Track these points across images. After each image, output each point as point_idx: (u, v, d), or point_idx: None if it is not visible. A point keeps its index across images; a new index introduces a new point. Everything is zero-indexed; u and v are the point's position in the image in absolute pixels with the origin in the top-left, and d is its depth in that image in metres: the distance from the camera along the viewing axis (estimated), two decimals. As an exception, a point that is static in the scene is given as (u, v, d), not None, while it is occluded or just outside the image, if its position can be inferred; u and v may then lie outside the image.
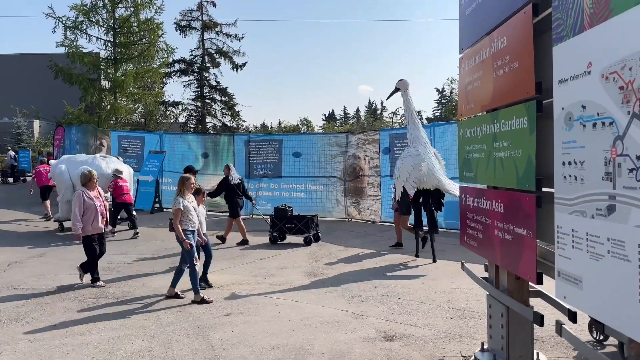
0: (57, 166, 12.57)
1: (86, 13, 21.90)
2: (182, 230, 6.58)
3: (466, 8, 4.31)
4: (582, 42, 2.37)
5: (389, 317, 5.83)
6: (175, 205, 6.69)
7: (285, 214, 10.72)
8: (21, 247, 10.20)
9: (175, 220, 6.61)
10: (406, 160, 8.55)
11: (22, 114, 35.41)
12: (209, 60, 32.52)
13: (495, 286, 3.95)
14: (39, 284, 7.43)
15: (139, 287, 7.27)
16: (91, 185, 7.70)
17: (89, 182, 7.69)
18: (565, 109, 2.53)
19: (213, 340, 5.15)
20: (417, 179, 8.39)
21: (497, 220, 3.62)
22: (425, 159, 8.39)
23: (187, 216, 6.70)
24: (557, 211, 2.64)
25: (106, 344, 5.06)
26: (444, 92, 66.64)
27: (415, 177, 8.39)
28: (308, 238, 10.45)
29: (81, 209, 7.42)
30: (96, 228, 7.57)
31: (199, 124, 32.83)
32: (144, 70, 23.17)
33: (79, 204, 7.43)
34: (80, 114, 21.98)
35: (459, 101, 4.62)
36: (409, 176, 8.45)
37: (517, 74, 3.25)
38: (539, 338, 4.88)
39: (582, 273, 2.42)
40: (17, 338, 5.25)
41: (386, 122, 60.71)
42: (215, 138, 16.80)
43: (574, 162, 2.45)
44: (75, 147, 19.55)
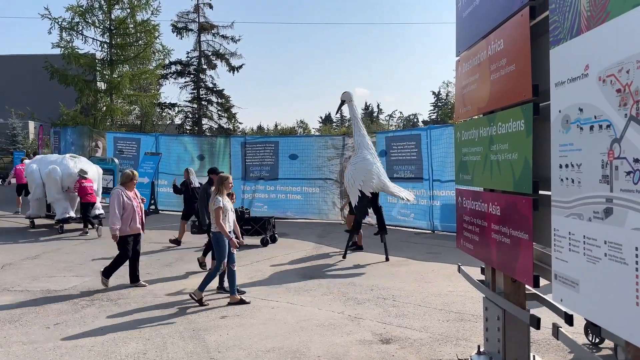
0: (29, 165, 13.01)
1: (82, 14, 21.87)
2: (216, 231, 6.49)
3: (463, 11, 4.31)
4: (579, 45, 2.37)
5: (385, 319, 5.81)
6: (215, 204, 6.51)
7: (243, 216, 10.86)
8: (14, 248, 10.14)
9: (217, 219, 6.46)
10: (357, 165, 8.98)
11: (17, 115, 35.25)
12: (205, 62, 32.47)
13: (491, 289, 3.95)
14: (33, 286, 7.37)
15: (134, 289, 7.24)
16: (130, 186, 7.52)
17: (129, 182, 7.51)
18: (562, 111, 2.53)
19: (208, 343, 5.13)
20: (373, 181, 8.84)
21: (494, 223, 3.62)
22: (374, 163, 8.90)
23: (227, 215, 6.61)
24: (554, 214, 2.64)
25: (100, 347, 5.02)
26: (440, 95, 66.84)
27: (370, 180, 8.83)
28: (265, 239, 10.64)
29: (120, 208, 7.24)
30: (134, 229, 7.43)
31: (195, 126, 32.76)
32: (140, 72, 23.15)
33: (117, 204, 7.24)
34: (75, 116, 21.94)
35: (456, 104, 4.62)
36: (365, 180, 8.83)
37: (514, 77, 3.25)
38: (535, 341, 4.88)
39: (579, 276, 2.41)
40: (10, 340, 5.21)
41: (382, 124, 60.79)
42: (212, 140, 16.78)
43: (570, 164, 2.45)
44: (70, 148, 19.47)
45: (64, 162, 12.58)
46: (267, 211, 14.26)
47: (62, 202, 12.22)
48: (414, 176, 12.54)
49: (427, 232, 12.17)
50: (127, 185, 7.50)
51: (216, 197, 6.58)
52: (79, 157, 13.52)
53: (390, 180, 12.78)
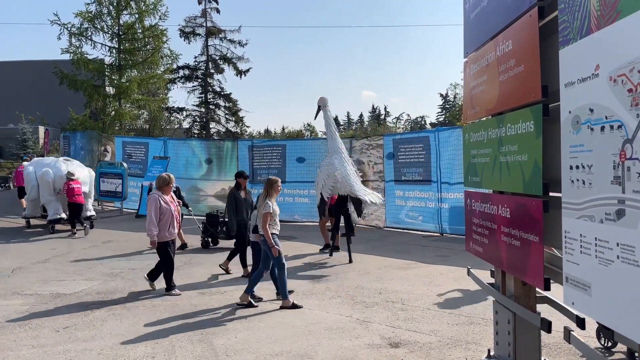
0: (27, 167, 13.70)
1: (91, 20, 22.02)
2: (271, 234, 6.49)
3: (470, 12, 4.29)
4: (589, 45, 2.34)
5: (393, 323, 5.78)
6: (264, 209, 6.46)
7: (217, 219, 10.89)
8: (24, 252, 10.20)
9: (264, 224, 6.42)
10: (322, 169, 9.44)
11: (27, 121, 35.55)
12: (212, 66, 32.62)
13: (501, 292, 3.91)
14: (42, 290, 7.41)
15: (142, 292, 7.25)
16: (167, 190, 7.35)
17: (166, 187, 7.33)
18: (572, 112, 2.50)
19: (216, 346, 5.12)
20: (332, 186, 9.23)
21: (503, 226, 3.58)
22: (339, 168, 9.26)
23: (274, 220, 6.58)
24: (565, 216, 2.60)
25: (109, 350, 5.03)
26: (448, 97, 66.63)
27: (330, 184, 9.23)
28: None
29: (157, 213, 7.07)
30: (172, 234, 7.27)
31: (203, 130, 32.90)
32: (149, 77, 23.25)
33: (155, 208, 7.07)
34: (84, 120, 22.07)
35: (464, 105, 4.59)
36: (324, 184, 9.28)
37: (523, 78, 3.22)
38: (546, 345, 4.83)
39: (591, 279, 2.38)
40: (20, 344, 5.24)
41: (390, 127, 60.69)
42: (219, 144, 16.81)
43: (581, 166, 2.42)
44: (80, 153, 19.61)
45: (56, 165, 13.13)
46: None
47: (54, 204, 12.72)
48: (422, 179, 12.49)
49: (436, 235, 12.11)
50: (163, 189, 7.32)
51: (266, 201, 6.53)
52: (72, 161, 14.12)
53: (399, 182, 12.82)
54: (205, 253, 10.25)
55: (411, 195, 12.72)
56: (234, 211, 8.26)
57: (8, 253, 10.09)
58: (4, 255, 9.97)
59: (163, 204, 7.17)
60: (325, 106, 9.88)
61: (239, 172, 8.76)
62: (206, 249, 10.69)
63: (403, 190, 12.90)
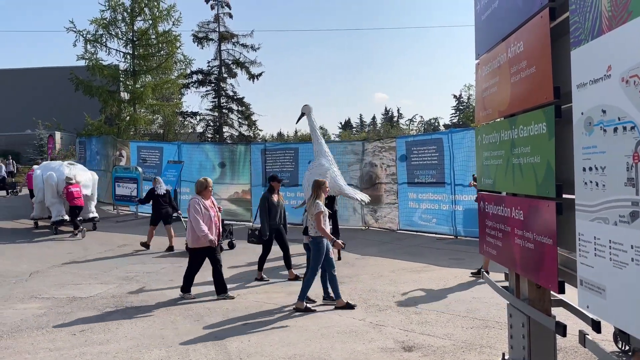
0: (35, 171, 14.45)
1: (106, 26, 22.32)
2: (316, 236, 6.52)
3: (481, 14, 4.27)
4: (601, 46, 2.32)
5: (407, 327, 5.76)
6: (316, 209, 6.53)
7: None
8: (41, 256, 10.34)
9: (318, 224, 6.48)
10: (313, 171, 9.65)
11: (44, 126, 36.10)
12: (225, 70, 32.85)
13: (515, 295, 3.87)
14: (59, 294, 7.51)
15: (157, 296, 7.31)
16: (206, 194, 7.29)
17: (204, 191, 7.29)
18: (584, 113, 2.48)
19: (230, 349, 5.14)
20: None
21: (517, 228, 3.55)
22: (329, 169, 9.55)
23: (325, 219, 6.63)
24: (578, 218, 2.58)
25: (125, 354, 5.08)
26: (462, 99, 66.27)
27: None
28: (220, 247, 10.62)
29: (201, 215, 7.04)
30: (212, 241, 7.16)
31: (216, 134, 33.12)
32: (163, 82, 23.49)
33: (197, 211, 7.05)
34: (100, 126, 22.34)
35: (476, 107, 4.57)
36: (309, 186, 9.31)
37: (534, 79, 3.20)
38: (561, 349, 4.77)
39: (606, 282, 2.35)
40: (37, 347, 5.31)
41: (403, 129, 60.49)
42: (232, 147, 16.89)
43: (594, 167, 2.39)
44: (95, 157, 19.85)
45: (60, 169, 13.76)
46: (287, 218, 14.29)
47: (57, 206, 13.23)
48: (435, 181, 12.42)
49: (450, 238, 12.03)
50: (202, 194, 7.27)
51: (316, 202, 6.62)
52: (76, 165, 14.83)
53: (412, 185, 12.77)
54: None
55: (424, 197, 12.66)
56: (267, 215, 8.16)
57: (25, 257, 10.24)
58: (21, 259, 10.12)
59: (202, 209, 7.10)
60: (309, 113, 10.34)
61: (273, 176, 8.69)
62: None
63: (416, 193, 12.84)
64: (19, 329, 5.93)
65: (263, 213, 8.18)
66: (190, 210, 7.10)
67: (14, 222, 15.00)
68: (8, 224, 14.68)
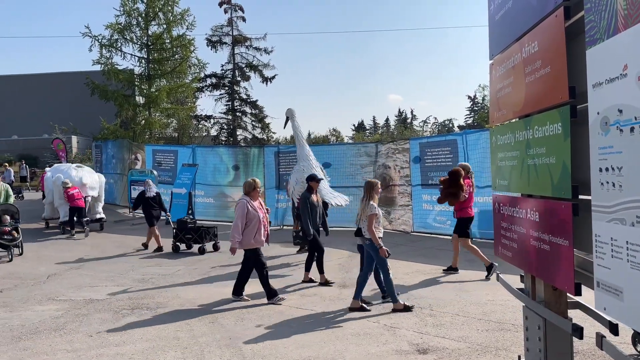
0: (47, 173, 15.48)
1: (121, 31, 22.60)
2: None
3: (495, 14, 4.25)
4: (617, 44, 2.29)
5: (422, 329, 5.73)
6: (370, 211, 6.45)
7: (185, 225, 11.27)
8: (58, 258, 10.48)
9: (370, 226, 6.40)
10: (292, 176, 10.15)
11: (61, 131, 36.63)
12: (239, 74, 33.04)
13: (531, 297, 3.83)
14: (76, 295, 7.61)
15: (172, 298, 7.37)
16: (254, 195, 7.12)
17: (253, 192, 7.11)
18: (600, 113, 2.45)
19: (245, 351, 5.16)
20: (301, 190, 9.65)
21: (533, 230, 3.52)
22: (309, 173, 9.75)
23: (379, 222, 6.56)
24: (595, 219, 2.54)
25: (140, 355, 5.13)
26: (476, 99, 65.82)
27: (299, 190, 9.82)
28: (202, 248, 10.99)
29: (244, 219, 6.85)
30: (259, 241, 7.01)
31: (230, 137, 33.31)
32: (177, 86, 23.71)
33: (242, 215, 6.85)
34: (116, 129, 22.61)
35: (490, 108, 4.54)
36: (294, 189, 9.94)
37: (549, 79, 3.17)
38: (579, 351, 4.71)
39: (623, 283, 2.32)
40: (55, 348, 5.38)
41: (416, 131, 60.26)
42: (246, 150, 16.98)
43: (611, 168, 2.36)
44: (111, 161, 20.09)
45: (67, 172, 14.49)
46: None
47: (64, 207, 13.84)
48: (449, 182, 12.32)
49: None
50: (251, 194, 7.10)
51: (370, 203, 6.54)
52: (83, 167, 15.55)
53: (426, 187, 12.71)
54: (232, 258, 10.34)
55: (439, 199, 12.58)
56: (310, 215, 8.04)
57: (43, 259, 10.39)
58: (39, 261, 10.27)
59: (251, 210, 6.94)
60: (292, 117, 10.70)
61: (312, 176, 8.57)
62: (177, 253, 11.11)
63: (430, 195, 12.77)
64: (37, 330, 6.01)
65: (306, 212, 8.02)
66: (237, 211, 6.94)
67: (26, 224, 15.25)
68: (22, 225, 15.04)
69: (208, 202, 16.15)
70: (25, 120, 48.88)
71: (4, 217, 10.69)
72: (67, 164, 17.14)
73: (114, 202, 19.76)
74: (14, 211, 11.14)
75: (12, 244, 10.39)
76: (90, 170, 15.69)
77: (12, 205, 11.29)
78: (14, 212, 11.09)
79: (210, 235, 11.30)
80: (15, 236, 10.56)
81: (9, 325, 6.21)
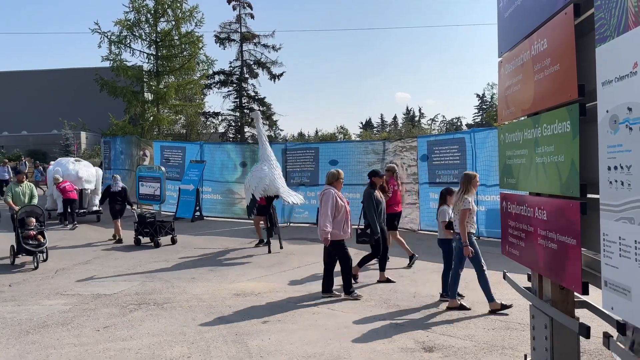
0: (50, 166, 16.93)
1: (130, 28, 22.69)
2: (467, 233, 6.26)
3: (504, 11, 4.22)
4: (627, 42, 2.27)
5: (428, 327, 5.72)
6: (463, 205, 6.19)
7: (144, 219, 11.77)
8: (67, 253, 10.56)
9: (462, 221, 6.19)
10: (254, 174, 10.89)
11: (70, 126, 36.88)
12: (247, 71, 33.09)
13: (538, 296, 3.82)
14: (84, 290, 7.66)
15: (179, 293, 7.40)
16: (338, 185, 6.93)
17: (336, 182, 6.94)
18: (610, 111, 2.43)
19: (250, 347, 5.18)
20: (263, 189, 10.60)
21: (540, 228, 3.50)
22: (268, 174, 10.69)
23: (472, 217, 6.32)
24: (603, 218, 2.53)
25: (147, 350, 5.16)
26: (485, 98, 65.50)
27: (261, 187, 10.60)
28: (156, 242, 11.48)
29: (334, 209, 6.67)
30: (346, 232, 6.86)
31: (237, 134, 33.39)
32: (185, 82, 23.77)
33: (332, 204, 6.66)
34: (124, 126, 22.71)
35: (499, 106, 4.52)
36: (256, 187, 10.63)
37: (558, 77, 3.15)
38: (585, 351, 4.68)
39: (631, 283, 2.30)
40: (63, 342, 5.43)
41: (424, 129, 60.06)
42: (254, 147, 16.97)
43: (620, 166, 2.35)
44: (119, 157, 20.18)
45: (65, 165, 15.63)
46: (307, 217, 14.36)
47: (60, 199, 14.65)
48: (457, 181, 12.27)
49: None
50: (334, 185, 6.89)
51: (464, 197, 6.28)
52: (81, 161, 16.63)
53: (433, 185, 12.68)
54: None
55: (446, 197, 12.54)
56: (376, 212, 7.70)
57: (52, 254, 10.45)
58: (49, 255, 10.33)
59: (339, 201, 6.76)
60: (257, 119, 11.60)
61: (374, 171, 8.22)
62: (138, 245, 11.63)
63: (438, 193, 12.72)
64: (45, 324, 6.07)
65: (371, 210, 7.68)
66: (327, 202, 6.70)
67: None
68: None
69: (215, 198, 16.19)
70: (34, 116, 49.28)
71: (29, 219, 9.73)
72: (67, 157, 18.30)
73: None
74: (39, 213, 10.08)
75: (37, 250, 9.42)
76: (87, 164, 16.58)
77: (37, 207, 10.19)
78: (39, 214, 10.03)
79: (166, 229, 11.83)
80: (41, 241, 9.58)
81: (17, 319, 6.27)
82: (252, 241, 11.75)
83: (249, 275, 8.58)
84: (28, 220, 9.71)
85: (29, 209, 9.98)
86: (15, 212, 9.93)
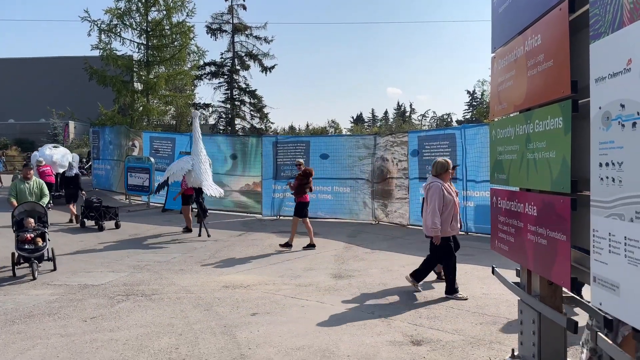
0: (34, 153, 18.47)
1: (120, 16, 22.41)
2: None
3: (498, 6, 4.22)
4: (622, 39, 2.28)
5: (416, 321, 5.74)
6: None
7: (91, 204, 12.68)
8: (55, 244, 10.46)
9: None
10: (179, 163, 11.86)
11: (58, 115, 36.45)
12: (238, 62, 32.90)
13: (527, 291, 3.85)
14: (71, 281, 7.60)
15: (167, 285, 7.37)
16: (446, 177, 6.42)
17: (444, 173, 6.42)
18: (602, 108, 2.44)
19: (239, 339, 5.17)
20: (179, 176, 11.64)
21: (530, 224, 3.52)
22: (194, 168, 11.62)
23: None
24: (593, 214, 2.54)
25: (134, 341, 5.13)
26: (475, 94, 65.77)
27: (179, 174, 11.60)
28: (100, 225, 12.37)
29: (441, 203, 6.26)
30: (454, 228, 6.47)
31: (228, 126, 33.23)
32: (176, 73, 23.56)
33: (439, 198, 6.25)
34: (113, 115, 22.48)
35: (491, 101, 4.52)
36: (175, 172, 11.62)
37: (552, 73, 3.15)
38: (572, 345, 4.73)
39: (620, 279, 2.32)
40: (49, 333, 5.38)
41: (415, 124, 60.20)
42: (244, 140, 16.93)
43: (611, 163, 2.36)
44: (108, 147, 20.00)
45: (43, 150, 17.13)
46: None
47: None
48: (447, 176, 12.34)
49: (461, 234, 11.91)
50: (442, 176, 6.40)
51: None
52: (59, 147, 18.11)
53: (423, 180, 12.69)
54: (228, 246, 10.34)
55: (436, 192, 12.59)
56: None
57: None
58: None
59: (446, 194, 6.32)
60: (195, 117, 12.51)
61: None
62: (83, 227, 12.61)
63: (427, 188, 12.79)
64: (31, 314, 6.01)
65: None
66: (433, 197, 6.28)
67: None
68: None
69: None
70: (22, 104, 48.63)
71: (27, 220, 8.22)
72: (49, 144, 19.27)
73: (110, 188, 19.71)
74: (41, 212, 8.49)
75: (33, 256, 7.82)
76: (65, 150, 18.03)
77: (38, 204, 8.49)
78: (40, 214, 8.47)
79: (111, 214, 12.65)
80: (38, 245, 8.00)
81: (2, 309, 6.20)
82: (240, 233, 11.69)
83: (238, 267, 8.55)
84: (27, 221, 8.24)
85: (28, 207, 8.44)
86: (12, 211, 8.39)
